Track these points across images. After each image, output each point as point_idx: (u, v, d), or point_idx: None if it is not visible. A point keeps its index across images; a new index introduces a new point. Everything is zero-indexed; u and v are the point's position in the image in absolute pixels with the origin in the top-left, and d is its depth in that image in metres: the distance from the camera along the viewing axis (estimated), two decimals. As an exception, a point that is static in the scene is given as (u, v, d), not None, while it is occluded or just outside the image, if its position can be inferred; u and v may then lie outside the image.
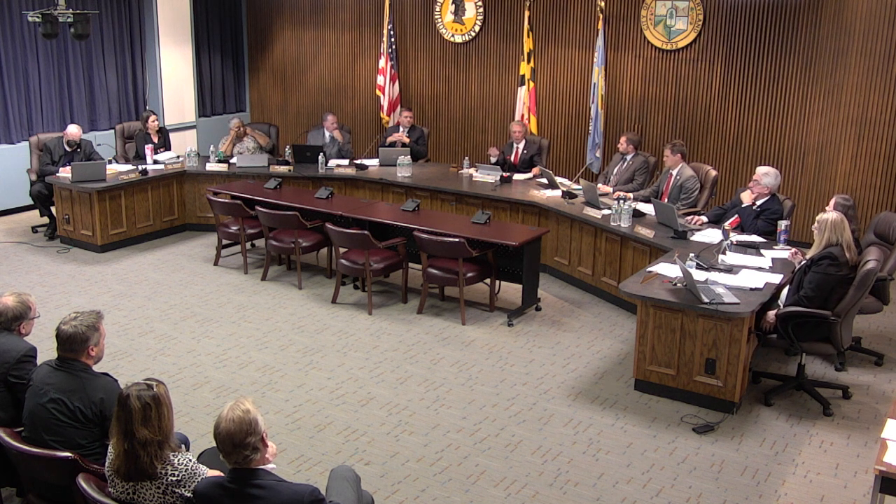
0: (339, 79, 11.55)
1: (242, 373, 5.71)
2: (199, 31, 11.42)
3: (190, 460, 3.07)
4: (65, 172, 8.26)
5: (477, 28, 10.28)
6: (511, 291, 7.09)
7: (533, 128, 9.55)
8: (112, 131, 9.85)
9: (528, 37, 9.51)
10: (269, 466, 2.91)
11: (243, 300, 7.08)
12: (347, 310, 6.89)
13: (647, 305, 5.28)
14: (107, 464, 3.07)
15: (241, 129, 9.37)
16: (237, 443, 2.81)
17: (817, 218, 5.27)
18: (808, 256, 5.30)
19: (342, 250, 6.98)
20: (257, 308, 6.90)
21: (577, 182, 8.06)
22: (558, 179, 8.09)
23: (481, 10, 10.19)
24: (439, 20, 10.50)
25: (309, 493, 2.85)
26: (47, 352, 3.83)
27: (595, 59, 9.19)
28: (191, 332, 6.40)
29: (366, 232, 6.69)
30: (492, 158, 8.81)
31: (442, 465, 4.59)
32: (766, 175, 6.45)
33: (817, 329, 5.10)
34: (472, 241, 6.57)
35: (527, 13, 9.48)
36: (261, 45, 12.12)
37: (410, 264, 7.12)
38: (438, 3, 10.46)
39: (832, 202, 5.84)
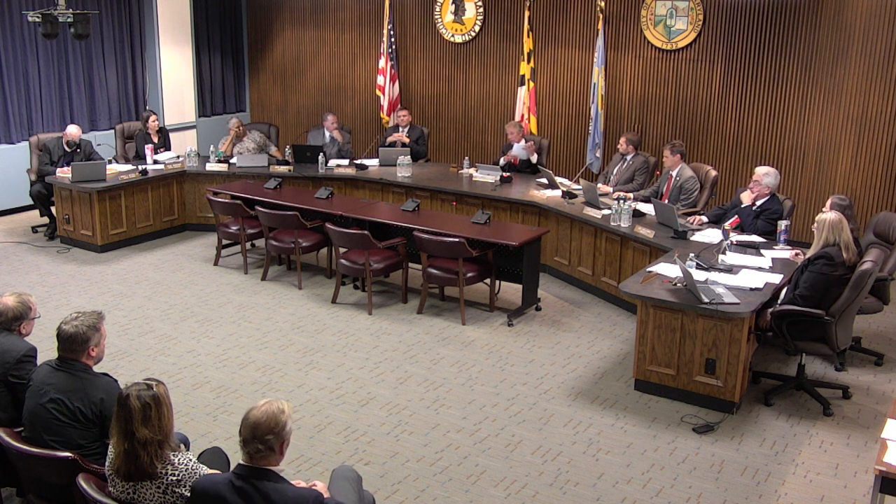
0: (339, 79, 11.55)
1: (242, 373, 5.71)
2: (199, 31, 11.42)
3: (190, 460, 3.07)
4: (64, 172, 8.26)
5: (477, 28, 10.28)
6: (511, 291, 7.09)
7: (533, 128, 9.55)
8: (112, 131, 9.85)
9: (528, 37, 9.51)
10: (277, 468, 2.91)
11: (243, 300, 7.08)
12: (347, 310, 6.89)
13: (647, 305, 5.28)
14: (107, 464, 3.07)
15: (241, 128, 9.38)
16: (257, 435, 2.83)
17: (816, 218, 5.28)
18: (806, 256, 5.31)
19: (342, 250, 6.99)
20: (257, 308, 6.90)
21: (577, 182, 8.06)
22: (558, 179, 8.09)
23: (481, 10, 10.19)
24: (439, 20, 10.50)
25: (314, 499, 2.86)
26: (47, 352, 3.83)
27: (595, 59, 9.20)
28: (191, 332, 6.41)
29: (366, 232, 6.69)
30: (502, 160, 8.78)
31: (442, 465, 4.59)
32: (766, 175, 6.45)
33: (812, 329, 5.10)
34: (472, 241, 6.58)
35: (527, 13, 9.48)
36: (261, 45, 12.12)
37: (410, 264, 7.13)
38: (438, 3, 10.46)
39: (829, 202, 5.84)
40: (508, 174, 8.38)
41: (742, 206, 6.64)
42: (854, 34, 8.08)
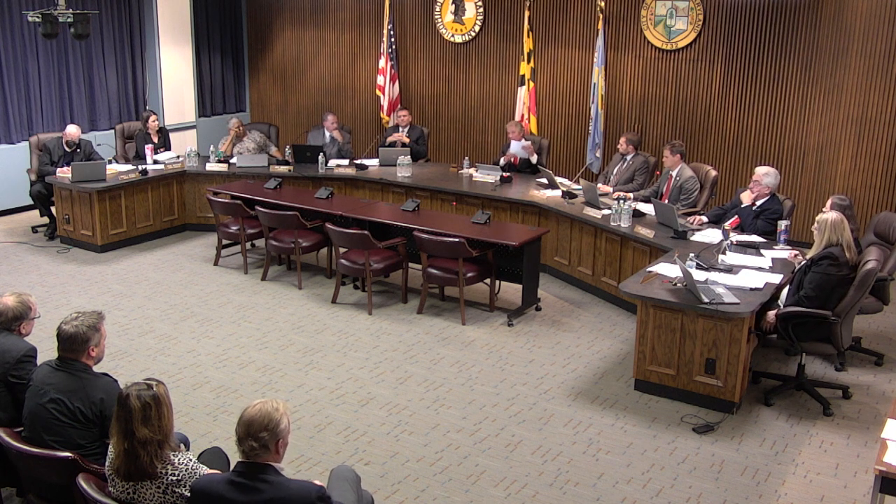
0: (339, 79, 11.55)
1: (242, 373, 5.71)
2: (199, 31, 11.42)
3: (190, 460, 3.07)
4: (64, 172, 8.26)
5: (477, 28, 10.28)
6: (511, 291, 7.09)
7: (533, 128, 9.55)
8: (112, 131, 9.85)
9: (528, 37, 9.51)
10: (277, 465, 2.92)
11: (243, 300, 7.08)
12: (347, 310, 6.89)
13: (647, 305, 5.28)
14: (107, 464, 3.07)
15: (241, 128, 9.38)
16: (251, 432, 2.84)
17: (817, 218, 5.27)
18: (808, 256, 5.30)
19: (342, 250, 6.99)
20: (257, 308, 6.90)
21: (577, 182, 8.06)
22: (558, 179, 8.09)
23: (481, 10, 10.19)
24: (439, 20, 10.50)
25: (316, 491, 2.87)
26: (47, 352, 3.83)
27: (595, 59, 9.20)
28: (191, 332, 6.40)
29: (366, 232, 6.69)
30: (502, 160, 8.77)
31: (442, 465, 4.59)
32: (766, 175, 6.45)
33: (817, 329, 5.10)
34: (472, 241, 6.57)
35: (527, 13, 9.48)
36: (261, 45, 12.12)
37: (410, 264, 7.12)
38: (438, 3, 10.46)
39: (829, 202, 5.84)
40: (508, 174, 8.38)
41: (742, 206, 6.64)
42: (854, 34, 8.08)
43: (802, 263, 5.32)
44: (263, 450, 2.85)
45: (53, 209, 8.60)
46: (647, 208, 7.11)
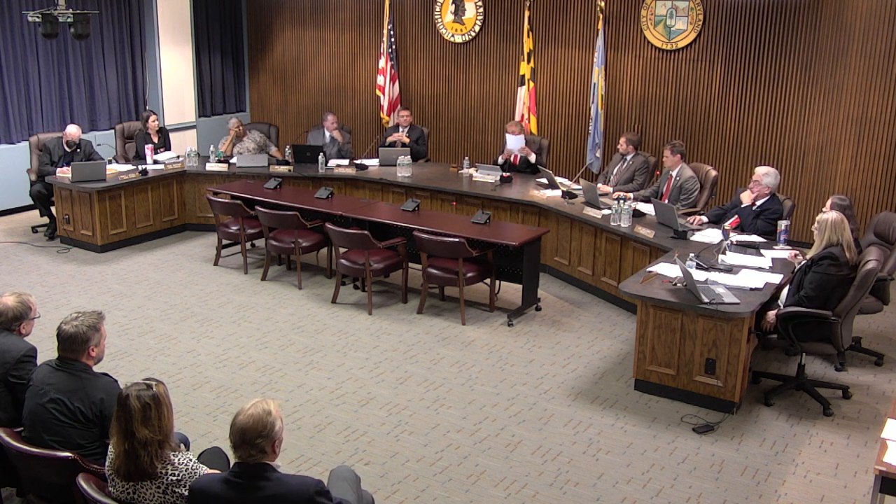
0: (339, 79, 11.55)
1: (242, 373, 5.71)
2: (199, 31, 11.42)
3: (190, 460, 3.07)
4: (64, 172, 8.26)
5: (477, 28, 10.28)
6: (511, 291, 7.09)
7: (533, 128, 9.55)
8: (112, 131, 9.85)
9: (528, 37, 9.51)
10: (273, 463, 2.92)
11: (243, 300, 7.08)
12: (347, 310, 6.89)
13: (647, 305, 5.28)
14: (107, 464, 3.07)
15: (241, 128, 9.38)
16: (246, 439, 2.83)
17: (817, 218, 5.27)
18: (808, 256, 5.30)
19: (342, 250, 6.99)
20: (257, 308, 6.90)
21: (577, 182, 8.06)
22: (558, 179, 8.09)
23: (481, 10, 10.19)
24: (439, 20, 10.50)
25: (315, 485, 2.88)
26: (47, 352, 3.83)
27: (595, 59, 9.20)
28: (191, 332, 6.40)
29: (366, 232, 6.69)
30: (500, 159, 8.76)
31: (442, 465, 4.59)
32: (766, 175, 6.45)
33: (818, 329, 5.10)
34: (472, 241, 6.57)
35: (527, 13, 9.48)
36: (261, 45, 12.12)
37: (410, 264, 7.12)
38: (438, 3, 10.46)
39: (829, 202, 5.84)
40: (508, 174, 8.38)
41: (742, 206, 6.64)
42: (854, 34, 8.08)
43: (802, 263, 5.32)
44: (261, 454, 2.86)
45: (53, 209, 8.60)
46: (647, 208, 7.11)
